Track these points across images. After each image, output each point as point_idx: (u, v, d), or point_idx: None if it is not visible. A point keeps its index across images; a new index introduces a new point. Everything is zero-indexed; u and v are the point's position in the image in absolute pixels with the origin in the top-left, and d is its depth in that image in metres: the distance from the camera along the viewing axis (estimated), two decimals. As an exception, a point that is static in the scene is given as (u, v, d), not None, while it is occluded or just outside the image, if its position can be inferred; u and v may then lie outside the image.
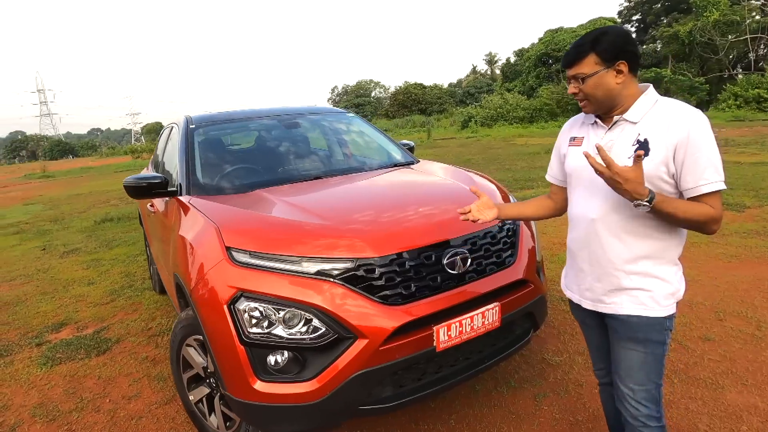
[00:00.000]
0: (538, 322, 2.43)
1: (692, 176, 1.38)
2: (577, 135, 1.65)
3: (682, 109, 1.42)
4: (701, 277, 4.00)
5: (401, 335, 1.85)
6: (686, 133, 1.37)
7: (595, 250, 1.53)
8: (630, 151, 1.43)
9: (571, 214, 1.65)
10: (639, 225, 1.46)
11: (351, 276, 1.87)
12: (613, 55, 1.42)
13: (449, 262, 2.01)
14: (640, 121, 1.46)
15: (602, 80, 1.44)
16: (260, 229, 2.08)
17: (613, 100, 1.47)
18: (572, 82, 1.50)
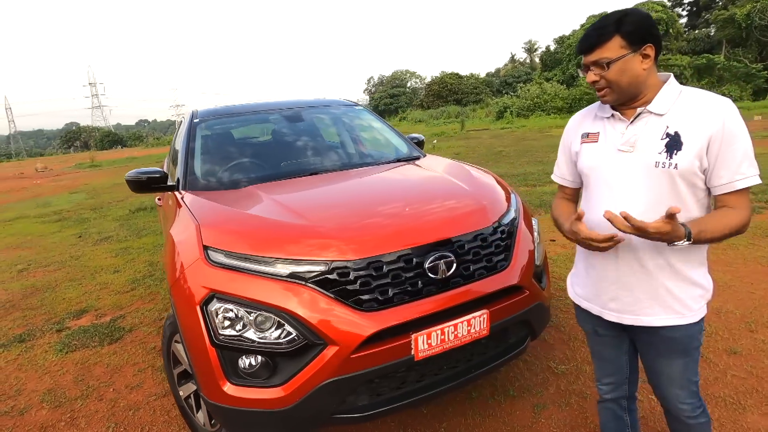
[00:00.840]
0: (535, 330, 2.29)
1: (727, 170, 1.29)
2: (590, 130, 1.50)
3: (713, 99, 1.32)
4: (735, 283, 3.69)
5: (375, 343, 1.77)
6: (721, 123, 1.27)
7: (623, 257, 1.41)
8: (660, 146, 1.33)
9: (591, 219, 1.44)
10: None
11: (324, 279, 1.79)
12: (640, 38, 1.30)
13: (431, 266, 1.89)
14: (667, 113, 1.34)
15: (628, 65, 1.31)
16: (239, 228, 2.03)
17: (638, 88, 1.35)
18: (592, 69, 1.36)
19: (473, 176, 2.62)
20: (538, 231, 2.53)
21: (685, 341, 1.44)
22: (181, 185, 2.72)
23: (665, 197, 1.34)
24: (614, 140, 1.42)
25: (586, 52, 1.36)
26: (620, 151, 1.39)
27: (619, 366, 1.64)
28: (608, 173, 1.41)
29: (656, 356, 1.50)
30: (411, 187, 2.55)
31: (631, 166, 1.38)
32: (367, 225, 2.00)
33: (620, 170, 1.39)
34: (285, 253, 1.83)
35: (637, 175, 1.37)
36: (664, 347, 1.46)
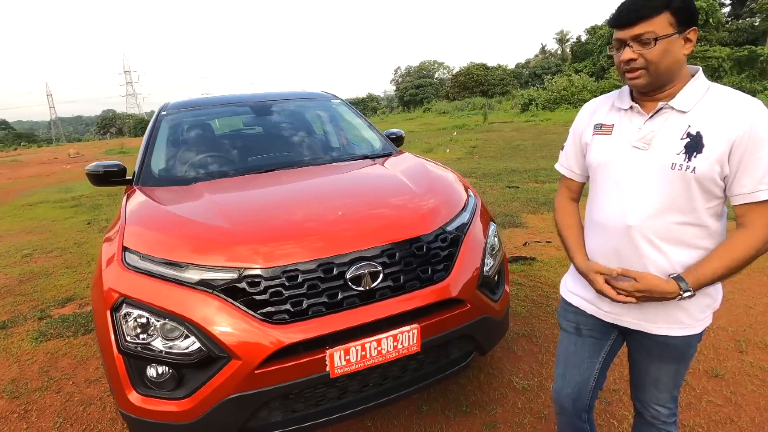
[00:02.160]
0: (483, 346, 2.13)
1: (750, 179, 1.17)
2: (605, 122, 1.38)
3: (742, 99, 1.20)
4: (734, 296, 3.41)
5: (284, 358, 1.65)
6: (749, 127, 1.16)
7: (628, 260, 1.31)
8: (679, 147, 1.22)
9: (595, 218, 1.39)
10: (685, 234, 1.26)
11: (233, 288, 1.68)
12: (688, 18, 1.18)
13: (353, 276, 1.76)
14: (691, 111, 1.23)
15: (672, 47, 1.18)
16: (159, 229, 1.94)
17: (673, 75, 1.22)
18: (631, 45, 1.20)
19: (429, 178, 2.45)
20: (498, 238, 2.36)
21: (683, 349, 1.37)
22: (134, 180, 2.66)
23: (677, 202, 1.24)
24: (630, 135, 1.31)
25: (628, 25, 1.19)
26: (635, 147, 1.29)
27: (590, 374, 1.53)
28: (619, 170, 1.31)
29: (649, 360, 1.42)
30: (357, 188, 2.41)
31: (645, 165, 1.27)
32: (289, 230, 1.87)
33: (632, 168, 1.29)
34: (197, 258, 1.73)
35: (649, 175, 1.26)
36: (660, 352, 1.38)
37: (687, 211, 1.24)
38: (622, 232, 1.30)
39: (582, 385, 1.55)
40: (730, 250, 1.22)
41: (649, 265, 1.29)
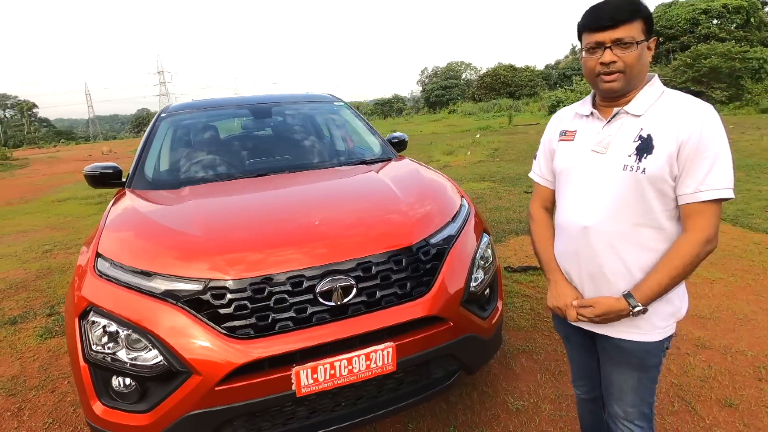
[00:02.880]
0: (469, 366, 2.01)
1: (694, 179, 1.21)
2: (568, 128, 1.45)
3: (694, 104, 1.26)
4: (759, 317, 3.16)
5: (248, 375, 1.58)
6: (698, 129, 1.20)
7: (586, 263, 1.35)
8: (630, 149, 1.27)
9: (558, 222, 1.45)
10: (641, 236, 1.28)
11: (198, 300, 1.62)
12: (652, 28, 1.27)
13: (324, 291, 1.67)
14: (644, 115, 1.28)
15: (644, 52, 1.25)
16: (132, 236, 1.91)
17: (640, 80, 1.29)
18: (612, 48, 1.23)
19: (420, 187, 2.35)
20: (492, 250, 2.23)
21: (640, 355, 1.36)
22: (127, 183, 2.65)
23: (630, 203, 1.27)
24: (589, 140, 1.37)
25: (609, 28, 1.22)
26: (594, 151, 1.34)
27: (591, 370, 1.60)
28: (579, 174, 1.36)
29: (611, 366, 1.44)
30: (342, 197, 2.32)
31: (602, 169, 1.32)
32: (261, 241, 1.80)
33: (591, 172, 1.34)
34: (164, 268, 1.68)
35: (605, 177, 1.31)
36: (618, 357, 1.39)
37: (641, 213, 1.27)
38: (580, 233, 1.34)
39: (590, 381, 1.63)
40: (671, 259, 1.24)
41: (604, 266, 1.32)
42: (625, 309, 1.27)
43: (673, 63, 26.77)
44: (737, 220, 5.26)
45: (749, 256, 4.24)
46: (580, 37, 1.32)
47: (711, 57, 24.49)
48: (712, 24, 30.79)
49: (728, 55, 24.22)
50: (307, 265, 1.69)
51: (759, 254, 4.26)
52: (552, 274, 1.48)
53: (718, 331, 3.00)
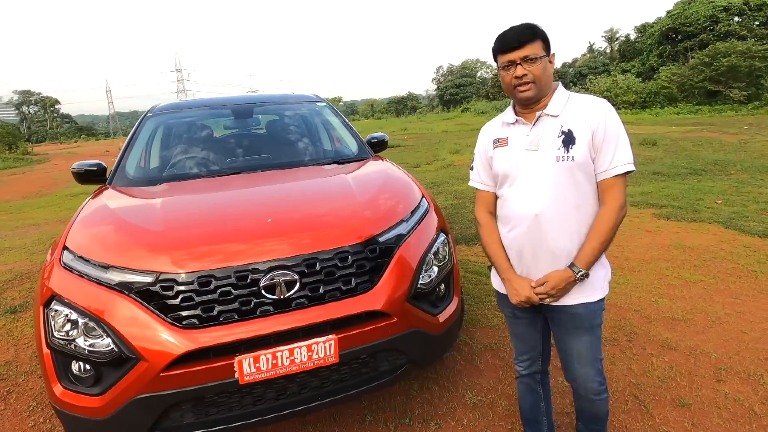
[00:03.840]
0: (416, 359, 2.08)
1: (605, 159, 1.50)
2: (500, 136, 1.67)
3: (594, 101, 1.56)
4: (730, 319, 3.17)
5: (193, 362, 1.68)
6: (603, 120, 1.49)
7: (539, 245, 1.57)
8: (557, 143, 1.52)
9: (507, 214, 1.66)
10: (580, 215, 1.54)
11: (148, 291, 1.73)
12: (549, 45, 1.55)
13: (268, 285, 1.77)
14: (561, 114, 1.55)
15: (547, 65, 1.53)
16: (96, 230, 2.03)
17: (549, 88, 1.56)
18: (522, 64, 1.51)
19: (379, 186, 2.43)
20: (448, 248, 2.30)
21: (589, 317, 1.61)
22: (108, 179, 2.79)
23: (568, 187, 1.52)
24: (521, 142, 1.60)
25: (516, 48, 1.50)
26: (528, 150, 1.57)
27: (535, 343, 1.81)
28: (521, 172, 1.58)
29: (565, 333, 1.66)
30: (301, 195, 2.41)
31: (538, 163, 1.55)
32: (214, 236, 1.90)
33: (530, 168, 1.57)
34: (120, 261, 1.80)
35: (543, 170, 1.54)
36: (571, 324, 1.63)
37: (577, 195, 1.53)
38: (532, 221, 1.55)
39: (532, 354, 1.84)
40: (597, 228, 1.52)
41: (551, 244, 1.55)
42: (572, 276, 1.52)
43: (690, 62, 26.25)
44: (731, 222, 5.22)
45: (735, 258, 4.22)
46: (495, 59, 1.60)
47: (730, 56, 23.98)
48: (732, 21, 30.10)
49: (748, 54, 23.69)
50: (252, 261, 1.79)
51: (745, 257, 4.23)
52: (507, 273, 1.67)
53: (688, 333, 3.02)
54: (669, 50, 31.20)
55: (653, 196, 6.74)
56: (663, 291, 3.66)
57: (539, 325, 1.77)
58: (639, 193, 6.96)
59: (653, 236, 5.01)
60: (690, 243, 4.71)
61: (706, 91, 24.24)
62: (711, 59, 24.40)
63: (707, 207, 5.94)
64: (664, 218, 5.63)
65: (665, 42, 31.47)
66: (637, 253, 4.52)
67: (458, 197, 7.49)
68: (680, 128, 16.62)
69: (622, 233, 5.14)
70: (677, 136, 14.14)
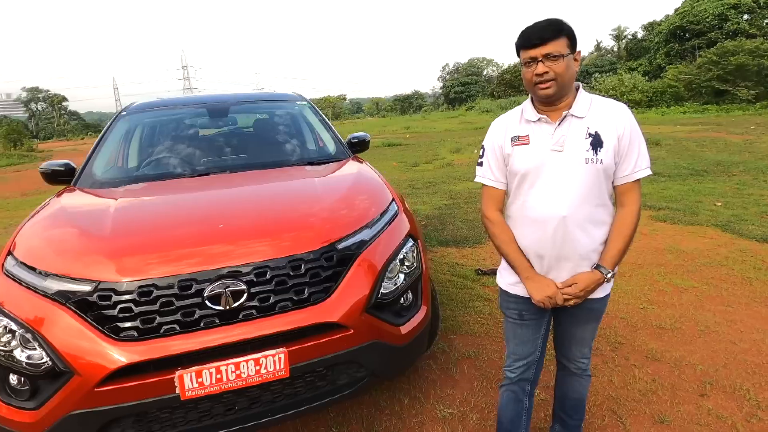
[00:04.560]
0: (378, 373, 1.99)
1: (629, 164, 1.54)
2: (520, 134, 1.62)
3: (618, 105, 1.57)
4: (721, 328, 3.04)
5: (130, 377, 1.59)
6: (628, 125, 1.52)
7: (563, 247, 1.57)
8: (585, 144, 1.52)
9: (528, 216, 1.62)
10: (598, 214, 1.57)
11: (85, 301, 1.64)
12: (575, 43, 1.51)
13: (213, 295, 1.67)
14: (586, 116, 1.53)
15: (570, 63, 1.49)
16: (43, 235, 1.95)
17: (571, 87, 1.54)
18: (543, 61, 1.47)
19: (347, 190, 2.33)
20: (416, 254, 2.20)
21: (601, 309, 1.71)
22: (74, 180, 2.71)
23: (592, 189, 1.53)
24: (545, 141, 1.56)
25: (539, 45, 1.47)
26: (553, 150, 1.54)
27: (534, 349, 1.79)
28: (545, 172, 1.55)
29: (576, 324, 1.73)
30: (263, 199, 2.32)
31: (564, 164, 1.53)
32: (158, 243, 1.81)
33: (556, 169, 1.54)
34: (58, 268, 1.71)
35: (570, 171, 1.53)
36: (585, 316, 1.70)
37: (599, 195, 1.55)
38: (557, 222, 1.54)
39: (530, 359, 1.80)
40: (620, 229, 1.58)
41: (576, 245, 1.56)
42: (601, 278, 1.58)
43: (698, 60, 25.90)
44: (729, 225, 5.07)
45: (730, 264, 4.09)
46: (518, 55, 1.56)
47: (738, 54, 23.62)
48: (741, 19, 29.65)
49: (757, 52, 23.32)
50: (197, 269, 1.69)
51: (741, 263, 4.10)
52: (528, 272, 1.64)
53: (674, 343, 2.90)
54: (676, 49, 30.77)
55: (652, 197, 6.59)
56: (652, 298, 3.54)
57: (543, 329, 1.78)
58: (637, 195, 6.81)
59: (648, 240, 4.88)
60: (685, 247, 4.57)
61: (713, 90, 23.88)
62: (719, 58, 24.02)
63: (706, 209, 5.79)
64: (661, 221, 5.49)
65: (673, 40, 31.03)
66: (629, 257, 4.38)
67: (453, 197, 7.37)
68: (685, 128, 16.36)
69: (616, 236, 5.01)
70: (682, 135, 13.92)
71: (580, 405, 1.92)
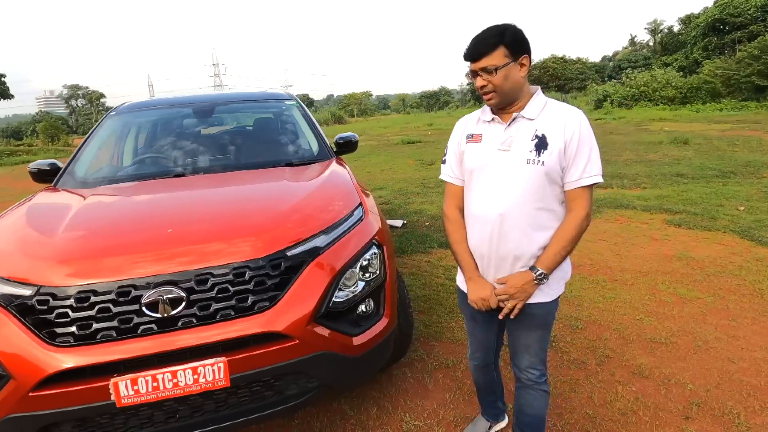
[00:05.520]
0: (330, 384, 1.93)
1: (576, 170, 1.53)
2: (474, 132, 1.68)
3: (571, 110, 1.59)
4: (719, 344, 2.85)
5: (66, 383, 1.59)
6: (578, 130, 1.52)
7: (501, 246, 1.60)
8: (530, 146, 1.55)
9: (472, 213, 1.68)
10: (540, 217, 1.57)
11: (25, 305, 1.64)
12: (519, 49, 1.52)
13: (151, 302, 1.65)
14: (536, 119, 1.57)
15: (511, 72, 1.52)
16: (3, 236, 1.97)
17: (517, 93, 1.56)
18: (481, 75, 1.54)
19: (312, 194, 2.28)
20: (379, 261, 2.13)
21: (545, 316, 1.69)
22: (55, 180, 2.75)
23: (534, 191, 1.55)
24: (495, 141, 1.61)
25: (475, 60, 1.53)
26: (500, 150, 1.59)
27: (488, 342, 1.90)
28: (490, 170, 1.60)
29: (521, 329, 1.73)
30: (220, 202, 2.29)
31: (508, 164, 1.57)
32: (102, 247, 1.80)
33: (500, 167, 1.59)
34: (4, 271, 1.72)
35: (512, 171, 1.56)
36: (528, 321, 1.69)
37: (541, 198, 1.55)
38: (494, 220, 1.58)
39: (487, 348, 1.92)
40: (562, 233, 1.57)
41: (512, 245, 1.58)
42: (532, 277, 1.57)
43: (737, 54, 24.67)
44: (748, 232, 4.78)
45: (743, 274, 3.84)
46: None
47: (781, 48, 22.34)
48: (786, 11, 28.04)
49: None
50: (137, 275, 1.67)
51: (755, 273, 3.84)
52: (471, 273, 1.70)
53: (666, 359, 2.73)
54: (715, 42, 29.35)
55: (670, 200, 6.29)
56: (652, 308, 3.35)
57: (495, 327, 1.84)
58: (655, 197, 6.52)
59: (658, 245, 4.65)
60: (697, 254, 4.33)
61: (753, 86, 22.68)
62: (760, 52, 22.78)
63: (726, 214, 5.48)
64: (675, 225, 5.23)
65: (711, 34, 29.59)
66: (635, 264, 4.18)
67: (462, 197, 7.23)
68: (720, 126, 15.61)
69: (623, 241, 4.80)
70: (714, 134, 13.29)
71: (538, 424, 1.84)
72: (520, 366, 1.80)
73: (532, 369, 1.77)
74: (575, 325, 3.15)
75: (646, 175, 8.09)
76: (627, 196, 6.72)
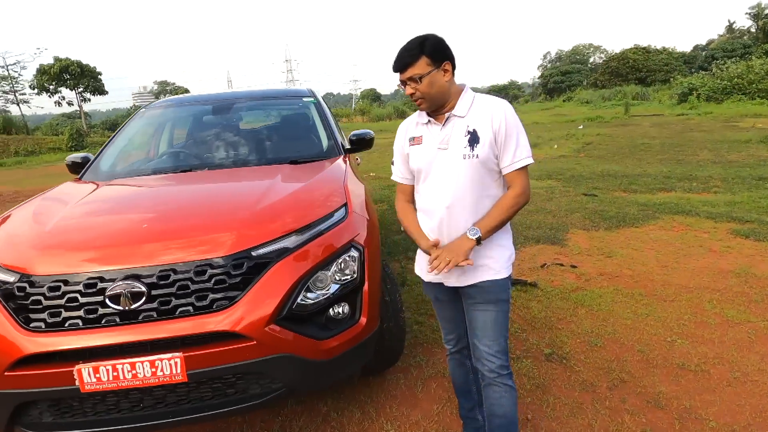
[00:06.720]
0: (293, 387, 1.91)
1: (508, 155, 1.65)
2: (415, 135, 1.79)
3: (496, 101, 1.70)
4: (762, 377, 2.48)
5: (38, 365, 1.70)
6: (504, 119, 1.64)
7: (451, 233, 1.70)
8: (464, 141, 1.66)
9: (423, 206, 1.79)
10: (483, 204, 1.69)
11: (8, 290, 1.77)
12: (440, 57, 1.63)
13: (113, 295, 1.71)
14: (467, 115, 1.68)
15: (435, 79, 1.63)
16: (6, 224, 2.13)
17: (444, 96, 1.67)
18: (409, 84, 1.65)
19: (295, 192, 2.26)
20: (357, 264, 2.07)
21: (495, 290, 1.74)
22: (81, 173, 2.96)
23: (475, 182, 1.67)
24: (434, 141, 1.72)
25: (401, 71, 1.65)
26: (440, 149, 1.70)
27: (458, 323, 1.93)
28: (434, 168, 1.72)
29: (474, 307, 1.78)
30: (202, 199, 2.34)
31: (448, 161, 1.68)
32: (81, 240, 1.90)
33: (441, 165, 1.70)
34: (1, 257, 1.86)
35: (452, 167, 1.67)
36: (480, 295, 1.75)
37: (482, 187, 1.68)
38: (443, 212, 1.69)
39: (458, 333, 1.95)
40: (502, 203, 1.68)
41: (462, 233, 1.67)
42: (465, 236, 1.64)
43: None
44: (831, 248, 4.13)
45: (812, 297, 3.32)
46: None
47: None
48: None
49: None
50: (104, 268, 1.75)
51: (829, 296, 3.31)
52: (420, 240, 1.78)
53: (692, 389, 2.42)
54: (831, 27, 25.70)
55: (741, 207, 5.62)
56: (689, 330, 3.00)
57: (460, 305, 1.87)
58: (724, 203, 5.85)
59: (716, 258, 4.16)
60: (760, 271, 3.81)
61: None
62: None
63: (809, 225, 4.78)
64: (742, 236, 4.65)
65: (826, 17, 25.95)
66: (681, 278, 3.77)
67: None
68: (826, 123, 13.70)
69: (675, 252, 4.35)
70: (816, 132, 11.67)
71: (508, 426, 1.79)
72: (478, 354, 1.80)
73: (491, 357, 1.77)
74: (594, 342, 2.89)
75: (720, 178, 7.29)
76: (692, 200, 6.09)
